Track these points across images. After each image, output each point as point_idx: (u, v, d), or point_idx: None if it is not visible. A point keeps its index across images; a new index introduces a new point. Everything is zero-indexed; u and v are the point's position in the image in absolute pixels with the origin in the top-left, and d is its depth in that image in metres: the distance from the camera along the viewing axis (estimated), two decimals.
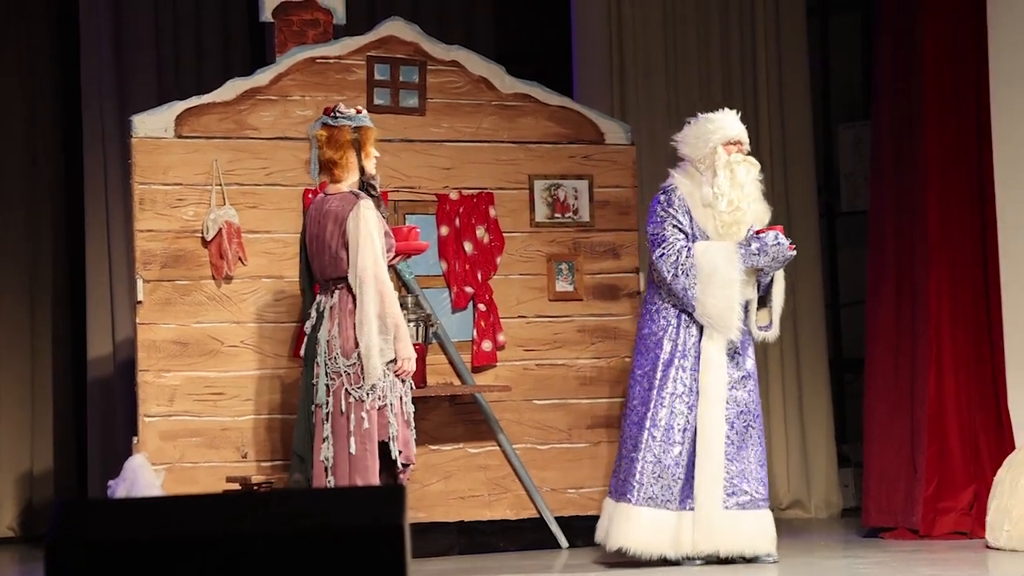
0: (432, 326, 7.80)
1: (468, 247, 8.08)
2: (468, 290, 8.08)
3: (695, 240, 7.21)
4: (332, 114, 6.80)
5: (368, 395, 6.58)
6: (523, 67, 8.64)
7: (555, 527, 8.10)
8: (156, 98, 9.04)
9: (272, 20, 8.01)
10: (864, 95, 10.09)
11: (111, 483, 7.49)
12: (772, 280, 7.30)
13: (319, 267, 6.79)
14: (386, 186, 7.53)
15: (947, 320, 8.05)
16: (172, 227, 7.66)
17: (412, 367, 6.72)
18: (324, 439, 6.63)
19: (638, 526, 7.08)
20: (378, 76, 8.02)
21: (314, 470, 6.67)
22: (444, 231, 8.05)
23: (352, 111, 6.84)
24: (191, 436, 7.61)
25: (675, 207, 7.21)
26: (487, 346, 8.08)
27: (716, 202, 7.20)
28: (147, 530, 2.79)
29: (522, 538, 8.07)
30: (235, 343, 7.70)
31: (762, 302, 7.32)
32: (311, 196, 7.53)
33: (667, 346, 7.17)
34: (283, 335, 7.74)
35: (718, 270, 7.11)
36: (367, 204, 6.68)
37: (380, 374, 6.58)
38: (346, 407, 6.60)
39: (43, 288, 9.61)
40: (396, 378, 6.65)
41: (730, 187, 7.20)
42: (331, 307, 6.69)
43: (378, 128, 7.06)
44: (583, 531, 8.07)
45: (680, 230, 7.20)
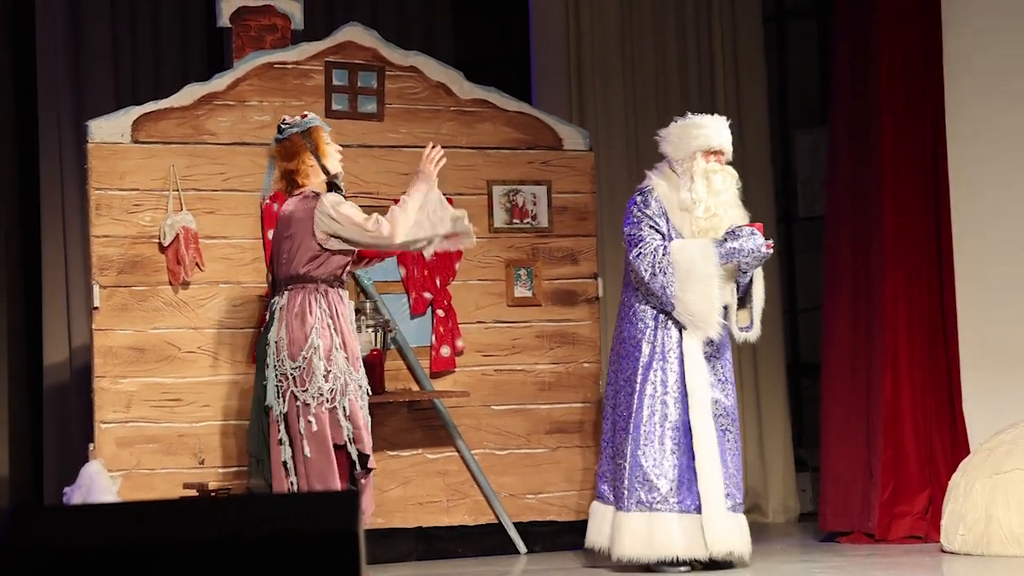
0: (390, 332, 7.80)
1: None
2: (427, 296, 8.08)
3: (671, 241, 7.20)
4: (279, 129, 6.79)
5: (314, 399, 6.54)
6: (481, 73, 8.64)
7: (513, 533, 8.10)
8: (113, 103, 9.01)
9: (230, 25, 7.98)
10: (821, 100, 10.13)
11: (67, 490, 7.44)
12: (751, 280, 7.29)
13: (276, 267, 6.76)
14: (346, 192, 7.52)
15: (903, 324, 8.08)
16: (129, 233, 7.62)
17: (463, 213, 6.82)
18: (280, 441, 6.59)
19: (634, 533, 7.02)
20: (336, 81, 8.01)
21: (273, 473, 6.63)
22: None
23: (297, 117, 6.81)
24: (148, 442, 7.58)
25: (651, 208, 7.18)
26: (446, 352, 8.07)
27: (693, 207, 7.17)
28: (102, 536, 2.78)
29: (480, 544, 8.07)
30: (192, 349, 7.67)
31: (741, 303, 7.30)
32: (274, 206, 7.52)
33: (645, 348, 7.14)
34: (241, 341, 7.72)
35: (696, 266, 7.06)
36: (330, 196, 6.67)
37: (467, 229, 6.71)
38: (295, 410, 6.57)
39: None
40: (348, 380, 6.59)
41: (707, 194, 7.16)
42: (280, 308, 6.65)
43: (336, 133, 7.04)
44: (541, 537, 8.08)
45: (656, 231, 7.17)
